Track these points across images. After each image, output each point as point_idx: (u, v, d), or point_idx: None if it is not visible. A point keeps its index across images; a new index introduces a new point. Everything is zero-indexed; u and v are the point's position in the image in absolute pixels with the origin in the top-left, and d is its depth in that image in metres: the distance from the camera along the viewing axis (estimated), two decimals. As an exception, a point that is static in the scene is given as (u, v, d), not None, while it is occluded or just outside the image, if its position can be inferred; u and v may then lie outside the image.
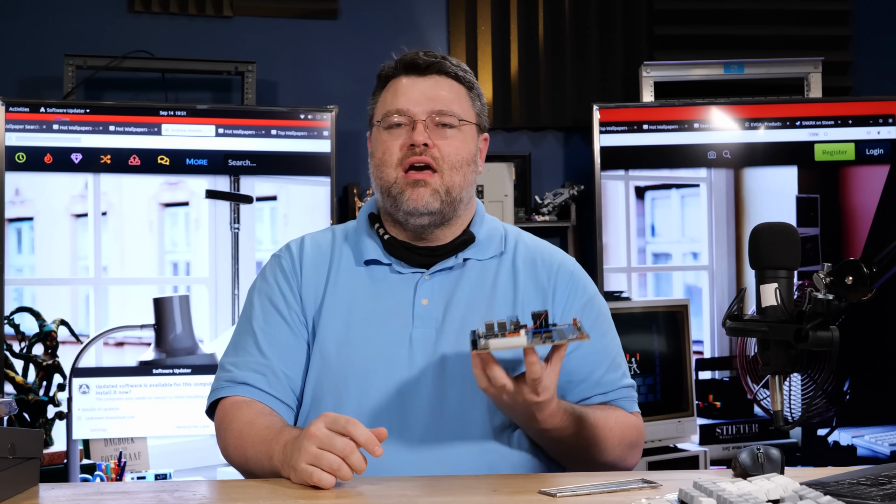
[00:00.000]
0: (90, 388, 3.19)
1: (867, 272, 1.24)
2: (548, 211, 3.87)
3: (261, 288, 1.64)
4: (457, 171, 1.58)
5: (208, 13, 3.87)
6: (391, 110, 1.59)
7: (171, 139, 3.39)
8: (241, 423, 1.50)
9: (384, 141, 1.60)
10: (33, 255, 3.36)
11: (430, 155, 1.57)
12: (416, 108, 1.58)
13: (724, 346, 3.53)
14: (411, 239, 1.61)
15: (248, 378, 1.55)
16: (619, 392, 1.61)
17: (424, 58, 1.61)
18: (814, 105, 3.61)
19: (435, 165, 1.57)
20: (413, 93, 1.59)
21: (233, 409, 1.54)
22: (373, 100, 1.67)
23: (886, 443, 3.45)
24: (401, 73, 1.62)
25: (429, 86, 1.60)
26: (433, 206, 1.56)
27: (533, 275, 1.62)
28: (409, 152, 1.57)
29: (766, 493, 1.13)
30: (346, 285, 1.60)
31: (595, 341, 1.48)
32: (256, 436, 1.46)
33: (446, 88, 1.61)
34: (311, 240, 1.67)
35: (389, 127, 1.59)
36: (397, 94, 1.60)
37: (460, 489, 1.31)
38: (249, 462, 1.46)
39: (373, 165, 1.63)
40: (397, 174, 1.57)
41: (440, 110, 1.58)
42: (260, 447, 1.44)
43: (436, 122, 1.58)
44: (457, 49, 3.99)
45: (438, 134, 1.58)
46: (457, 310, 1.57)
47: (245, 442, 1.47)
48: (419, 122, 1.57)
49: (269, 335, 1.58)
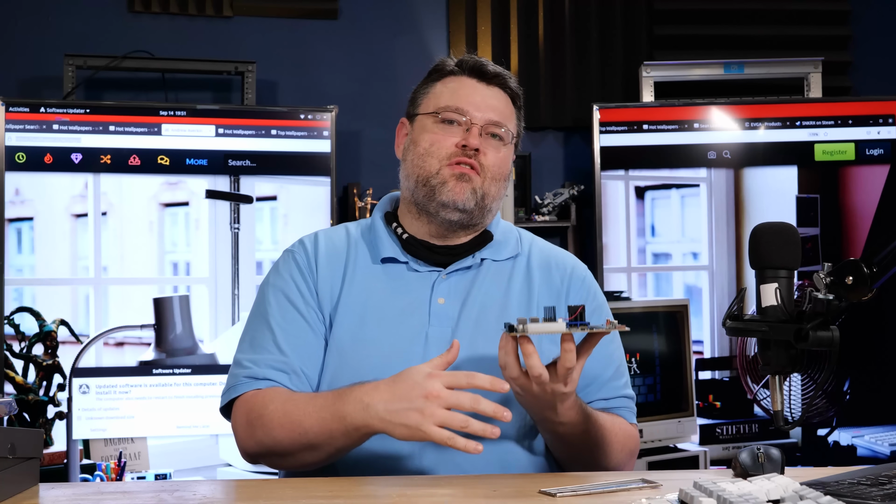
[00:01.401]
0: (90, 388, 3.20)
1: (867, 272, 1.24)
2: (548, 211, 3.87)
3: (275, 283, 1.62)
4: (495, 182, 1.61)
5: (208, 13, 3.87)
6: (450, 106, 1.60)
7: (171, 139, 3.39)
8: (281, 402, 1.46)
9: (434, 133, 1.60)
10: (33, 255, 3.36)
11: (477, 160, 1.58)
12: (477, 112, 1.60)
13: (724, 346, 3.53)
14: (430, 238, 1.62)
15: (270, 375, 1.52)
16: (620, 400, 1.62)
17: (492, 68, 1.64)
18: (814, 105, 3.61)
19: (479, 171, 1.59)
20: (475, 97, 1.61)
21: (259, 397, 1.50)
22: (423, 89, 1.67)
23: (886, 443, 3.45)
24: (465, 73, 1.64)
25: (491, 95, 1.63)
26: (469, 205, 1.58)
27: (547, 277, 1.64)
28: (459, 151, 1.58)
29: (766, 493, 1.13)
30: (363, 283, 1.59)
31: (603, 346, 1.49)
32: (308, 405, 1.42)
33: (504, 102, 1.64)
34: (324, 236, 1.66)
35: (444, 121, 1.60)
36: (458, 93, 1.61)
37: (460, 489, 1.31)
38: (309, 433, 1.41)
39: (413, 153, 1.62)
40: (441, 165, 1.59)
41: (497, 122, 1.61)
42: (322, 413, 1.40)
43: (489, 130, 1.60)
44: (457, 49, 3.99)
45: (489, 143, 1.60)
46: (472, 309, 1.57)
47: (296, 417, 1.43)
48: (476, 125, 1.59)
49: (287, 332, 1.56)
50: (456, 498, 1.26)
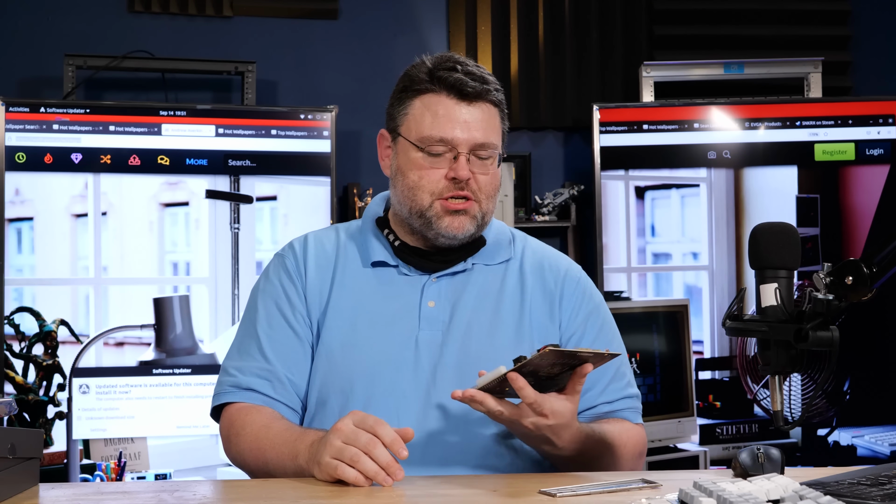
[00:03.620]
0: (90, 388, 3.20)
1: (867, 272, 1.24)
2: (548, 211, 3.87)
3: (265, 289, 1.62)
4: (491, 199, 1.58)
5: (208, 13, 3.87)
6: (433, 136, 1.53)
7: (171, 139, 3.39)
8: (257, 427, 1.49)
9: (421, 166, 1.54)
10: (33, 255, 3.36)
11: (469, 188, 1.54)
12: (462, 135, 1.52)
13: (724, 346, 3.53)
14: (423, 245, 1.60)
15: (254, 384, 1.54)
16: (623, 402, 1.60)
17: (472, 84, 1.53)
18: (814, 105, 3.61)
19: (473, 197, 1.55)
20: (457, 121, 1.53)
21: (242, 414, 1.52)
22: (400, 105, 1.58)
23: (886, 443, 3.45)
24: (442, 91, 1.54)
25: (474, 116, 1.54)
26: (471, 231, 1.56)
27: (540, 280, 1.62)
28: (450, 185, 1.53)
29: (766, 493, 1.13)
30: (353, 286, 1.59)
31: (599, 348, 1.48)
32: (276, 437, 1.45)
33: (488, 117, 1.56)
34: (314, 239, 1.65)
35: (430, 154, 1.54)
36: (439, 120, 1.53)
37: (460, 489, 1.31)
38: (269, 464, 1.45)
39: (402, 183, 1.56)
40: (433, 201, 1.54)
41: (483, 143, 1.54)
42: (282, 448, 1.43)
43: (477, 154, 1.55)
44: (457, 49, 3.99)
45: (478, 166, 1.55)
46: (463, 312, 1.56)
47: (263, 445, 1.46)
48: (462, 154, 1.53)
49: (273, 340, 1.57)
50: (456, 498, 1.26)
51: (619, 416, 1.59)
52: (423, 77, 1.56)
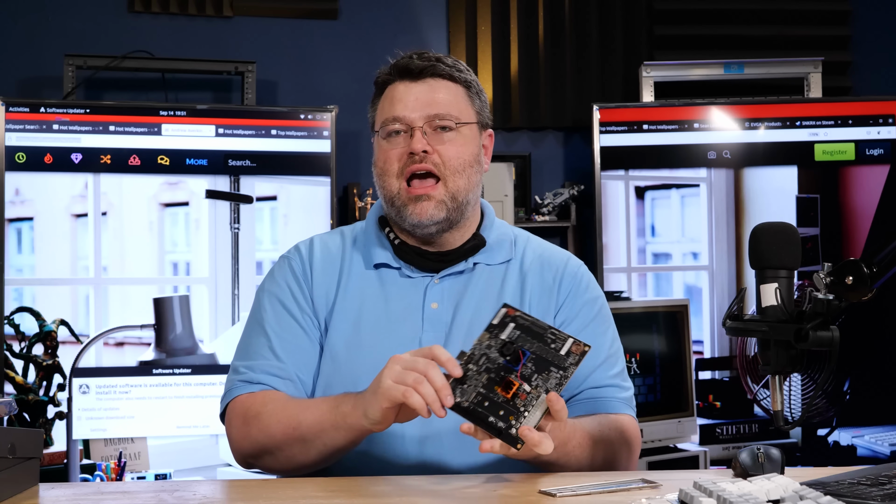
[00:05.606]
0: (90, 388, 3.19)
1: (867, 272, 1.24)
2: (548, 211, 3.87)
3: (270, 289, 1.62)
4: (460, 174, 1.56)
5: (208, 13, 3.87)
6: (388, 118, 1.57)
7: (171, 139, 3.39)
8: (283, 401, 1.48)
9: (384, 150, 1.58)
10: (33, 255, 3.36)
11: (430, 161, 1.55)
12: (413, 114, 1.55)
13: (724, 346, 3.53)
14: (422, 244, 1.60)
15: (264, 380, 1.53)
16: (609, 390, 1.57)
17: (418, 62, 1.57)
18: (814, 105, 3.61)
19: (437, 172, 1.55)
20: (408, 99, 1.56)
21: (258, 396, 1.51)
22: (372, 107, 1.64)
23: (886, 443, 3.45)
24: (396, 78, 1.59)
25: (424, 90, 1.57)
26: (438, 217, 1.56)
27: (539, 277, 1.62)
28: (409, 161, 1.55)
29: (766, 493, 1.13)
30: (357, 289, 1.59)
31: (590, 336, 1.48)
32: (310, 403, 1.47)
33: (443, 91, 1.58)
34: (319, 241, 1.66)
35: (388, 136, 1.57)
36: (393, 102, 1.57)
37: (460, 489, 1.31)
38: (302, 425, 1.43)
39: (376, 175, 1.61)
40: (399, 185, 1.56)
41: (437, 114, 1.56)
42: (319, 405, 1.44)
43: (434, 126, 1.56)
44: (457, 49, 3.99)
45: (438, 139, 1.56)
46: (466, 313, 1.57)
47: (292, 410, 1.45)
48: (416, 128, 1.55)
49: (282, 338, 1.56)
50: (456, 498, 1.26)
51: (608, 405, 1.56)
52: (385, 72, 1.62)
